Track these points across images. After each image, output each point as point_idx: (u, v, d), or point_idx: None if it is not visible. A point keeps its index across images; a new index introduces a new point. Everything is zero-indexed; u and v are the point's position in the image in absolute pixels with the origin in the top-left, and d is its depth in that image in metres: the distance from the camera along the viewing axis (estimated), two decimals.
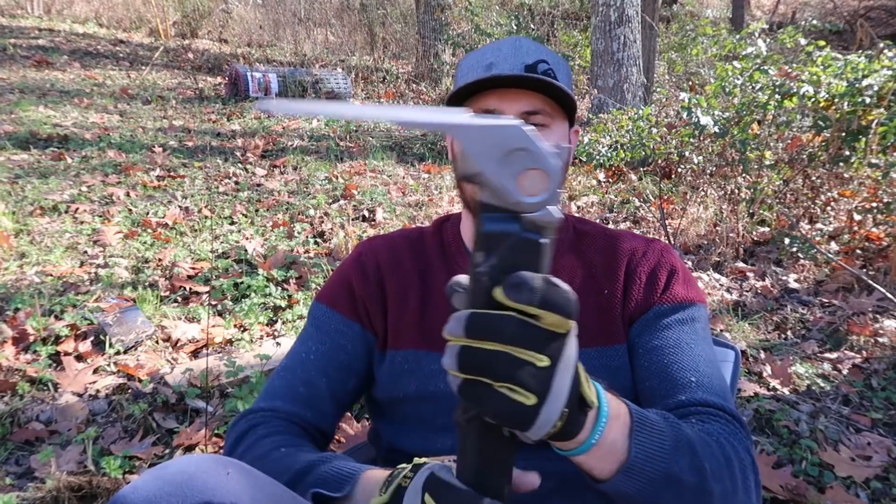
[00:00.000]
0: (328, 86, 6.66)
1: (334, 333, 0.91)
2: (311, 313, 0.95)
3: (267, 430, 0.82)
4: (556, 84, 0.82)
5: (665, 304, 0.86)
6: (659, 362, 0.82)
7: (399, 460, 0.87)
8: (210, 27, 10.25)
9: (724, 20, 9.96)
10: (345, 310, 0.92)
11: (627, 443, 0.59)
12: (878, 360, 2.16)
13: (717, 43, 4.66)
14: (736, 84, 3.29)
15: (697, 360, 0.81)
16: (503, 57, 0.86)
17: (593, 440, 0.56)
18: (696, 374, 0.79)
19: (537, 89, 0.84)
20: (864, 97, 2.77)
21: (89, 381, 1.93)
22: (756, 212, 3.42)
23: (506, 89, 0.84)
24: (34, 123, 4.77)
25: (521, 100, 0.84)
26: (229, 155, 4.55)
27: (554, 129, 0.87)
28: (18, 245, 2.80)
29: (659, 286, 0.88)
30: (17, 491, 1.49)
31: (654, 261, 0.91)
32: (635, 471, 0.59)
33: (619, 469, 0.59)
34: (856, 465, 1.66)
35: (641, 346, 0.85)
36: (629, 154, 4.00)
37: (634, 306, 0.87)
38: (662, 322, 0.85)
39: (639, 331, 0.86)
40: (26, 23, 9.38)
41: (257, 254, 2.90)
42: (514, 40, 0.89)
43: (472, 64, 0.89)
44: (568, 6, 9.30)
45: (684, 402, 0.77)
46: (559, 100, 0.86)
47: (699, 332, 0.86)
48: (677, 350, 0.82)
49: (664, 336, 0.84)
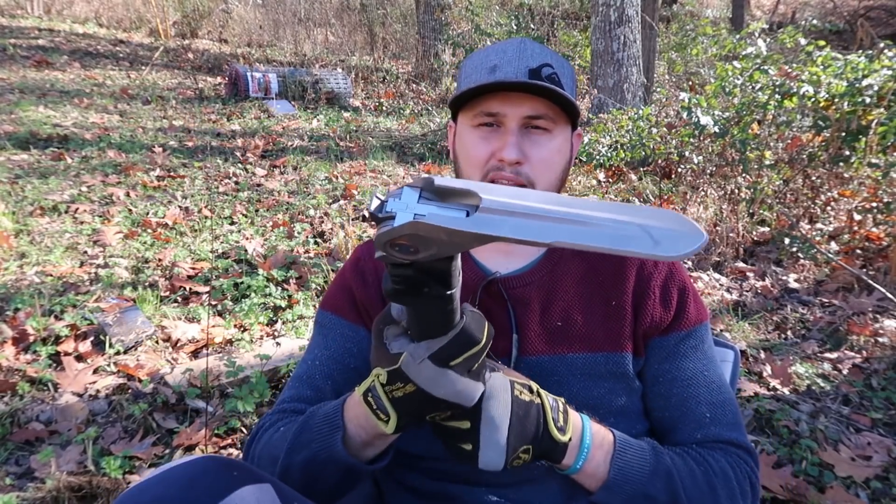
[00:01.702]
0: (328, 86, 6.66)
1: (340, 338, 0.92)
2: (316, 322, 0.96)
3: (274, 427, 0.84)
4: (557, 91, 0.82)
5: (682, 330, 0.89)
6: (678, 395, 0.87)
7: (402, 463, 0.87)
8: (210, 27, 10.26)
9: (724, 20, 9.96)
10: (349, 315, 0.93)
11: (608, 467, 0.75)
12: (878, 359, 2.16)
13: (717, 43, 4.66)
14: (736, 84, 3.29)
15: (712, 391, 0.87)
16: (507, 60, 0.85)
17: (577, 466, 0.74)
18: (711, 409, 0.86)
19: (541, 94, 0.84)
20: (864, 97, 2.77)
21: (89, 381, 1.93)
22: (756, 212, 3.41)
23: (509, 93, 0.84)
24: (34, 123, 4.77)
25: (524, 104, 0.84)
26: (229, 155, 4.56)
27: (556, 134, 0.87)
28: (18, 245, 2.80)
29: (673, 304, 0.89)
30: (17, 491, 1.49)
31: (664, 272, 0.91)
32: (614, 489, 0.75)
33: (601, 487, 0.75)
34: (856, 464, 1.66)
35: (661, 374, 0.88)
36: (629, 154, 4.01)
37: (650, 323, 0.88)
38: (681, 349, 0.88)
39: (658, 356, 0.89)
40: (26, 23, 9.39)
41: (257, 254, 2.90)
42: (519, 42, 0.88)
43: (476, 65, 0.88)
44: (568, 6, 9.30)
45: (699, 439, 0.85)
46: (562, 104, 0.86)
47: (708, 352, 0.91)
48: (694, 383, 0.87)
49: (683, 367, 0.88)
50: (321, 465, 0.73)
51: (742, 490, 0.80)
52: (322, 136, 5.40)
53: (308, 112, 6.21)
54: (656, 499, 0.75)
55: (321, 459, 0.73)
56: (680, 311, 0.89)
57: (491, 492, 0.82)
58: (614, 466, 0.75)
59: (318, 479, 0.74)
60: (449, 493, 0.83)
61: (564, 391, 0.80)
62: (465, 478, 0.83)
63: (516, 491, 0.82)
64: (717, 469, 0.80)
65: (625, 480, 0.75)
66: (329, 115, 6.18)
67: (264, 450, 0.81)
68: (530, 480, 0.82)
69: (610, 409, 0.84)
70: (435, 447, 0.83)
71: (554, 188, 0.89)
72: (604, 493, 0.75)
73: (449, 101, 0.92)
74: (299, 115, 6.04)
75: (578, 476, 0.75)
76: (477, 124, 0.87)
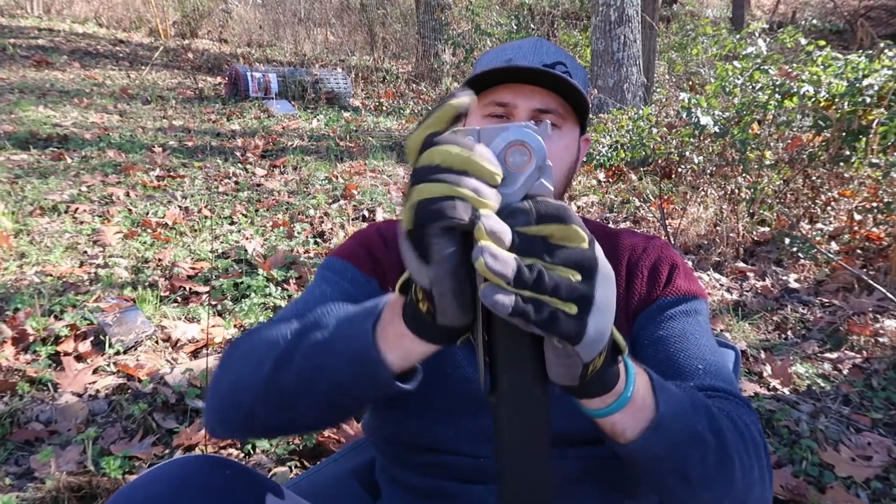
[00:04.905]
0: (328, 86, 6.66)
1: (348, 282, 0.83)
2: (323, 267, 0.86)
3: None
4: (570, 82, 0.81)
5: (668, 296, 0.85)
6: (665, 351, 0.81)
7: (399, 451, 0.86)
8: (210, 27, 10.26)
9: (724, 20, 9.97)
10: (363, 266, 0.85)
11: (654, 398, 0.58)
12: (879, 359, 2.16)
13: (717, 43, 4.66)
14: (736, 84, 3.29)
15: (703, 350, 0.80)
16: (523, 55, 0.87)
17: (629, 392, 0.56)
18: (703, 363, 0.79)
19: (552, 89, 0.84)
20: (864, 97, 2.77)
21: (89, 381, 1.92)
22: (756, 212, 3.41)
23: (521, 85, 0.84)
24: (34, 123, 4.77)
25: (534, 97, 0.84)
26: (229, 155, 4.55)
27: (565, 130, 0.86)
28: (18, 245, 2.80)
29: (661, 280, 0.87)
30: (16, 491, 1.49)
31: (654, 256, 0.90)
32: (663, 428, 0.58)
33: (649, 426, 0.57)
34: (856, 465, 1.66)
35: (646, 337, 0.84)
36: (629, 154, 4.01)
37: (638, 300, 0.86)
38: (667, 314, 0.84)
39: (643, 323, 0.85)
40: (26, 23, 9.38)
41: (257, 254, 2.90)
42: (536, 41, 0.89)
43: (492, 58, 0.89)
44: (568, 6, 9.30)
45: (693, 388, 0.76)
46: (573, 103, 0.86)
47: (702, 324, 0.85)
48: (683, 339, 0.81)
49: (669, 326, 0.83)
50: (333, 355, 0.59)
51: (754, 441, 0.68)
52: (322, 136, 5.39)
53: (308, 112, 6.20)
54: (705, 440, 0.61)
55: (337, 350, 0.59)
56: (668, 283, 0.87)
57: (487, 489, 0.82)
58: (660, 397, 0.59)
59: (319, 379, 0.60)
60: (445, 490, 0.83)
61: None
62: (462, 475, 0.82)
63: None
64: (734, 416, 0.69)
65: (673, 415, 0.59)
66: (329, 115, 6.18)
67: (258, 337, 0.67)
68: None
69: None
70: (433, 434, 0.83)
71: (559, 186, 0.88)
72: (650, 437, 0.58)
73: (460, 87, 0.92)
74: (299, 115, 6.04)
75: (623, 413, 0.56)
76: (486, 114, 0.86)
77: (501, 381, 0.50)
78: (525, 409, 0.51)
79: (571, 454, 0.80)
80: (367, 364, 0.56)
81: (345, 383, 0.59)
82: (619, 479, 0.83)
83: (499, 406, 0.51)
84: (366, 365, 0.56)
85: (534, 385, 0.50)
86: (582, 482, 0.81)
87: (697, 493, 0.62)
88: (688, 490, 0.62)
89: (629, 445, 0.58)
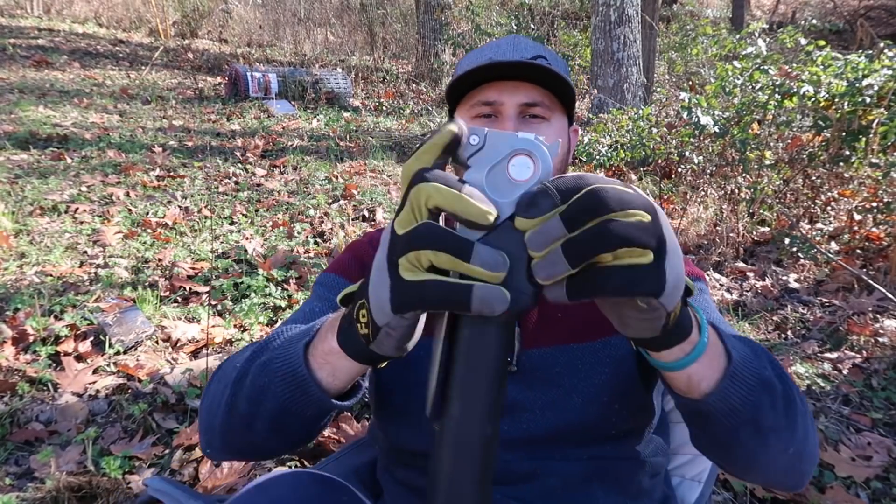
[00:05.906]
0: (328, 86, 6.65)
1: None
2: (317, 283, 0.90)
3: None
4: (554, 71, 0.82)
5: None
6: None
7: (401, 461, 0.86)
8: (210, 27, 10.25)
9: (724, 20, 9.97)
10: (356, 279, 0.87)
11: (723, 345, 0.55)
12: (879, 359, 2.16)
13: (717, 43, 4.65)
14: (736, 84, 3.29)
15: (719, 324, 0.77)
16: (502, 52, 0.88)
17: (705, 338, 0.53)
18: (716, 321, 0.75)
19: (536, 81, 0.84)
20: (864, 97, 2.77)
21: (89, 381, 1.92)
22: (756, 212, 3.41)
23: (505, 81, 0.84)
24: (34, 123, 4.77)
25: (519, 91, 0.84)
26: (229, 155, 4.55)
27: (553, 122, 0.87)
28: (18, 245, 2.80)
29: None
30: (16, 491, 1.49)
31: None
32: (738, 375, 0.55)
33: (725, 374, 0.55)
34: (856, 465, 1.66)
35: None
36: (629, 154, 4.01)
37: None
38: None
39: None
40: (26, 23, 9.38)
41: (257, 254, 2.90)
42: (513, 38, 0.90)
43: (472, 60, 0.90)
44: (568, 6, 9.30)
45: None
46: (559, 95, 0.86)
47: (710, 302, 0.84)
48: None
49: None
50: (272, 375, 0.59)
51: (798, 389, 0.66)
52: (322, 136, 5.39)
53: (308, 112, 6.20)
54: (773, 385, 0.58)
55: (275, 369, 0.59)
56: None
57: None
58: (728, 343, 0.56)
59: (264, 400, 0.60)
60: None
61: (566, 382, 0.80)
62: None
63: (515, 489, 0.82)
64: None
65: (743, 361, 0.56)
66: (329, 115, 6.18)
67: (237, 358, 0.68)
68: (529, 478, 0.81)
69: (614, 394, 0.83)
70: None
71: None
72: (727, 386, 0.54)
73: (444, 93, 0.92)
74: (299, 115, 6.04)
75: (700, 363, 0.53)
76: (474, 115, 0.87)
77: (452, 408, 0.44)
78: (472, 445, 0.45)
79: (575, 455, 0.80)
80: (298, 382, 0.56)
81: (285, 403, 0.58)
82: (623, 480, 0.83)
83: (442, 436, 0.45)
84: (298, 383, 0.56)
85: (489, 420, 0.44)
86: (587, 483, 0.81)
87: (768, 442, 0.58)
88: (758, 440, 0.58)
89: (707, 399, 0.54)
